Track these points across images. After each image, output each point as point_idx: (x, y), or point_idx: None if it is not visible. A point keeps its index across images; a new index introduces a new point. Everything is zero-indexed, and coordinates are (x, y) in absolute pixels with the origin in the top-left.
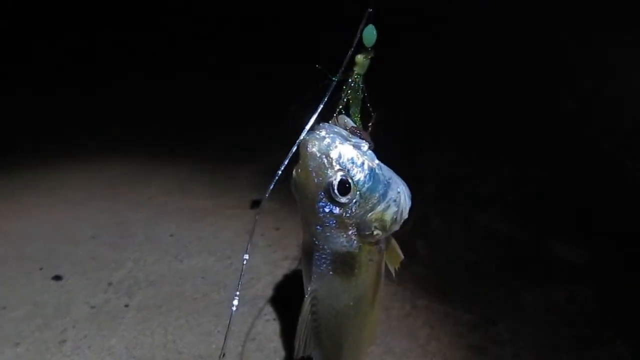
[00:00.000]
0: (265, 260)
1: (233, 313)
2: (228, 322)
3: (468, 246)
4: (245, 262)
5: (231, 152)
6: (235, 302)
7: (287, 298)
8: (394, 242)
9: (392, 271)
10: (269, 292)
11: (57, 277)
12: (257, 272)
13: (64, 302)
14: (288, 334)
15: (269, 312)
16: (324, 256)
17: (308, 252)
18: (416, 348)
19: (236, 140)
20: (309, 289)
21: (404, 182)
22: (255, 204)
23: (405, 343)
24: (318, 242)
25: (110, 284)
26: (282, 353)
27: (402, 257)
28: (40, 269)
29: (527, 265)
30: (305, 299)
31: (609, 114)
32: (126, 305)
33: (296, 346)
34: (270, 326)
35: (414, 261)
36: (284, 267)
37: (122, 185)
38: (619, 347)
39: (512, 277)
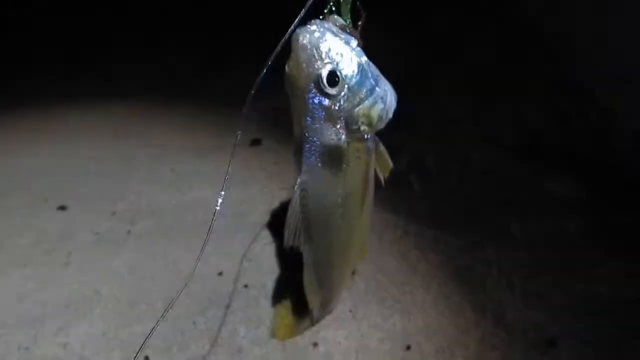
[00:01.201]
0: (264, 191)
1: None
2: (228, 244)
3: (462, 182)
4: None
5: (233, 95)
6: (222, 193)
7: (283, 224)
8: (382, 147)
9: (382, 179)
10: (265, 219)
11: (62, 208)
12: (254, 202)
13: (69, 229)
14: (283, 255)
15: (266, 237)
16: (313, 148)
17: (299, 145)
18: (406, 268)
19: (238, 83)
20: (298, 181)
21: (390, 84)
22: (255, 141)
23: (396, 264)
24: (308, 134)
25: (113, 213)
26: (277, 272)
27: (392, 165)
28: (46, 200)
29: (518, 200)
30: (295, 189)
31: (607, 62)
32: (128, 232)
33: (285, 234)
34: (266, 249)
35: (408, 195)
36: (281, 197)
37: (125, 126)
38: (598, 268)
39: (504, 210)
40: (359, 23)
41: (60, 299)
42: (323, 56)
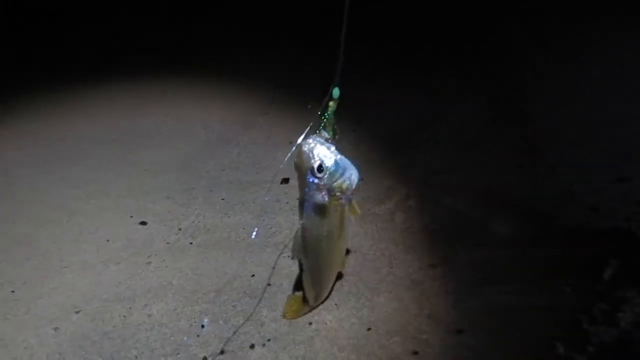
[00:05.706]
0: (287, 219)
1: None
2: (259, 256)
3: (433, 220)
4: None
5: (271, 139)
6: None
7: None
8: (354, 202)
9: (353, 219)
10: (287, 240)
11: (143, 223)
12: (280, 226)
13: (149, 239)
14: (295, 265)
15: (286, 252)
16: (309, 205)
17: (301, 203)
18: (378, 278)
19: (274, 129)
20: (300, 222)
21: (355, 168)
22: (285, 180)
23: (371, 275)
24: (306, 197)
25: (180, 229)
26: (292, 277)
27: (359, 212)
28: (131, 216)
29: (472, 234)
30: (298, 227)
31: (579, 126)
32: (190, 243)
33: (292, 251)
34: (285, 260)
35: (392, 228)
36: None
37: (188, 162)
38: (515, 283)
39: (458, 241)
40: (337, 136)
41: (145, 286)
42: (315, 156)
